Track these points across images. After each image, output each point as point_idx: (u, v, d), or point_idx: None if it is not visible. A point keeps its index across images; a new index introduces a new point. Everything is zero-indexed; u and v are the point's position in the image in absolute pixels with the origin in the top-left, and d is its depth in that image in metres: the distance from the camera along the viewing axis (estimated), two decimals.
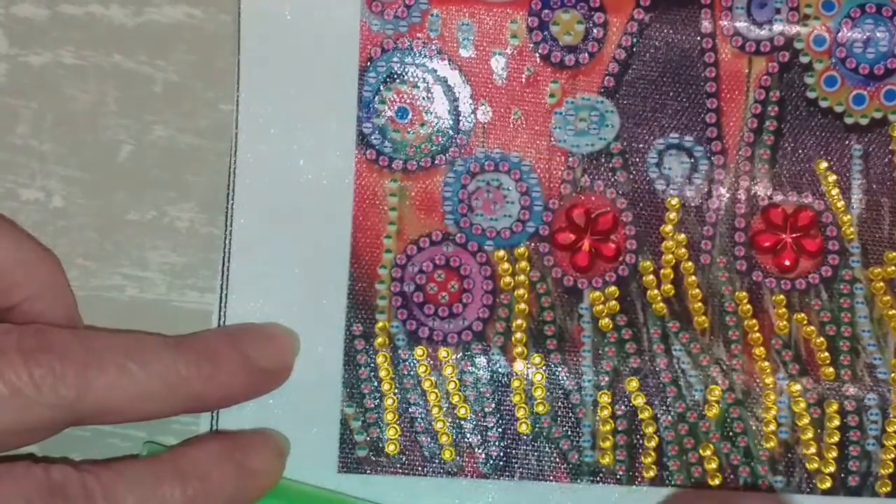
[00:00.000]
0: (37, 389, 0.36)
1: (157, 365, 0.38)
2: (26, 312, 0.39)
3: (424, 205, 0.44)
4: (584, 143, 0.44)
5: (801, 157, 0.44)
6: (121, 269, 0.43)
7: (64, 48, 0.44)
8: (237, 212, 0.43)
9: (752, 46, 0.44)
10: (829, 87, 0.44)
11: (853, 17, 0.44)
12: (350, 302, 0.43)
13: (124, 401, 0.37)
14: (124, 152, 0.44)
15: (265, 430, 0.42)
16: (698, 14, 0.44)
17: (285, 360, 0.42)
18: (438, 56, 0.44)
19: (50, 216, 0.43)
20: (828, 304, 0.44)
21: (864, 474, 0.43)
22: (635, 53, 0.44)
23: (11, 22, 0.44)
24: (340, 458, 0.43)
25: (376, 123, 0.43)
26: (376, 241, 0.43)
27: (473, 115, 0.44)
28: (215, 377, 0.39)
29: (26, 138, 0.44)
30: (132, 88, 0.44)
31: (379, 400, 0.43)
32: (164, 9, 0.44)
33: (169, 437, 0.42)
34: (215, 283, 0.43)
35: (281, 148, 0.43)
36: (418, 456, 0.43)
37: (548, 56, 0.44)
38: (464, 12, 0.44)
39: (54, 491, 0.35)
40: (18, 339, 0.36)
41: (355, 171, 0.43)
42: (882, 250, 0.44)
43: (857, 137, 0.44)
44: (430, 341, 0.43)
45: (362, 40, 0.43)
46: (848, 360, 0.43)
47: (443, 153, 0.44)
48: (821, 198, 0.44)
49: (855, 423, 0.43)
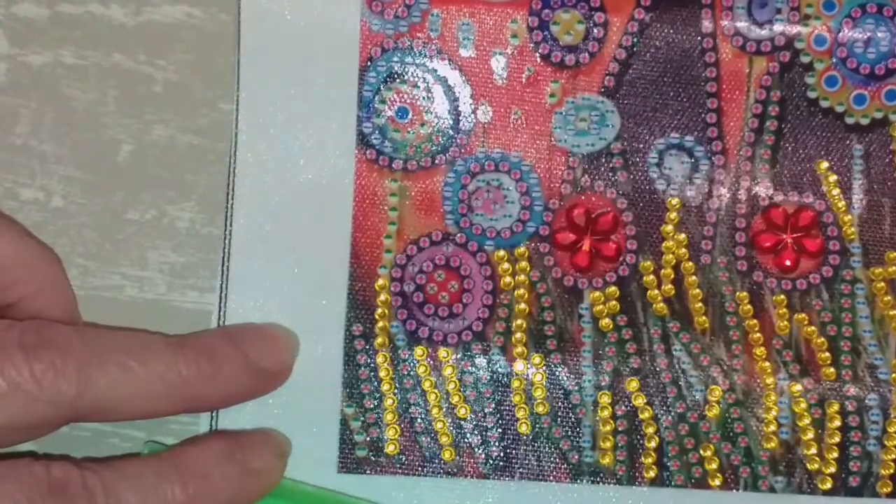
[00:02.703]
0: (37, 385, 0.35)
1: (157, 364, 0.38)
2: (26, 310, 0.39)
3: (424, 205, 0.44)
4: (585, 143, 0.44)
5: (802, 157, 0.44)
6: (120, 269, 0.43)
7: (64, 48, 0.44)
8: (237, 212, 0.43)
9: (752, 46, 0.44)
10: (830, 87, 0.44)
11: (854, 16, 0.44)
12: (350, 302, 0.43)
13: (124, 398, 0.37)
14: (124, 152, 0.44)
15: (266, 429, 0.42)
16: (699, 14, 0.44)
17: (285, 360, 0.42)
18: (438, 56, 0.44)
19: (50, 216, 0.43)
20: (829, 305, 0.44)
21: (864, 475, 0.43)
22: (636, 53, 0.44)
23: (11, 21, 0.44)
24: (340, 458, 0.42)
25: (376, 123, 0.43)
26: (376, 241, 0.43)
27: (473, 115, 0.44)
28: (215, 377, 0.39)
29: (26, 138, 0.43)
30: (132, 88, 0.44)
31: (379, 400, 0.43)
32: (163, 8, 0.44)
33: (168, 437, 0.42)
34: (215, 282, 0.43)
35: (281, 148, 0.43)
36: (418, 456, 0.43)
37: (548, 56, 0.44)
38: (464, 12, 0.43)
39: (55, 489, 0.35)
40: (20, 335, 0.36)
41: (355, 170, 0.43)
42: (883, 250, 0.44)
43: (858, 137, 0.44)
44: (430, 341, 0.43)
45: (362, 40, 0.43)
46: (849, 361, 0.43)
47: (443, 153, 0.44)
48: (822, 198, 0.44)
49: (856, 423, 0.43)
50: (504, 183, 0.44)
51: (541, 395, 0.43)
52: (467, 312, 0.43)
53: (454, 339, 0.43)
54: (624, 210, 0.44)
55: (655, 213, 0.44)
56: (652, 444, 0.43)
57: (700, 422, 0.43)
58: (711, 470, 0.43)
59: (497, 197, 0.44)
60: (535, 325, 0.43)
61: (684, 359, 0.43)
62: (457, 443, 0.43)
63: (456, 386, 0.43)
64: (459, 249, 0.43)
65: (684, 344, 0.43)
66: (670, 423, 0.43)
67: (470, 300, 0.43)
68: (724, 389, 0.43)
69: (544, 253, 0.44)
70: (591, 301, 0.43)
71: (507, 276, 0.43)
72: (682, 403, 0.43)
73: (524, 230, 0.44)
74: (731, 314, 0.43)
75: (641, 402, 0.43)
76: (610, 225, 0.44)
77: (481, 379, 0.43)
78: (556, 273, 0.43)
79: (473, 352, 0.43)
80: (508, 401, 0.43)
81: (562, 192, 0.44)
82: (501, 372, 0.43)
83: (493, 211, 0.44)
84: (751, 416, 0.43)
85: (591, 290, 0.44)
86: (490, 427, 0.43)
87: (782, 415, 0.43)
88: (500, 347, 0.43)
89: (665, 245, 0.44)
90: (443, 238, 0.43)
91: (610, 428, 0.43)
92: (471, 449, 0.43)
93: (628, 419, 0.43)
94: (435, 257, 0.43)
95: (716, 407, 0.43)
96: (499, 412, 0.43)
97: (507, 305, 0.43)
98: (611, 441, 0.43)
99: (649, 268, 0.43)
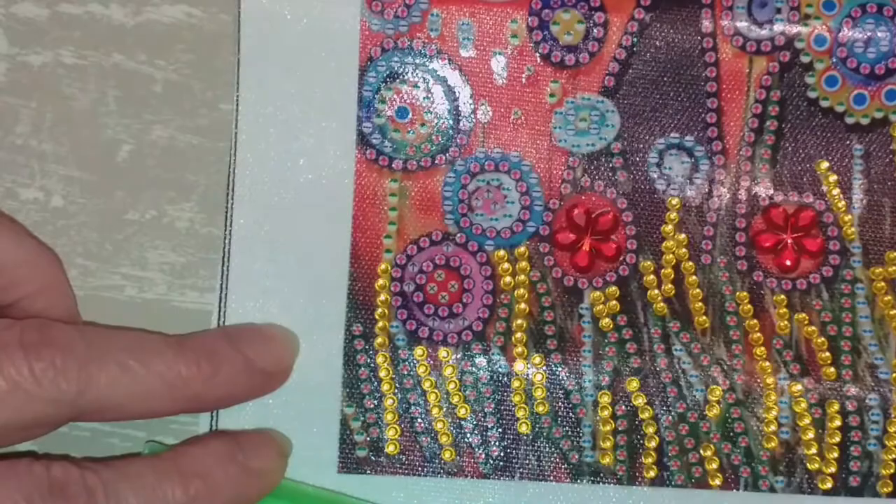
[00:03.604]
0: (37, 384, 0.35)
1: (158, 364, 0.38)
2: (26, 310, 0.39)
3: (424, 204, 0.43)
4: (585, 143, 0.44)
5: (802, 157, 0.44)
6: (120, 269, 0.43)
7: (64, 48, 0.44)
8: (237, 211, 0.43)
9: (752, 46, 0.44)
10: (830, 87, 0.44)
11: (854, 16, 0.44)
12: (350, 302, 0.43)
13: (124, 398, 0.37)
14: (124, 152, 0.44)
15: (267, 429, 0.42)
16: (699, 14, 0.44)
17: (284, 361, 0.42)
18: (438, 56, 0.44)
19: (49, 216, 0.43)
20: (829, 304, 0.44)
21: (865, 475, 0.43)
22: (636, 53, 0.44)
23: (11, 21, 0.44)
24: (340, 459, 0.42)
25: (376, 123, 0.43)
26: (376, 241, 0.43)
27: (473, 115, 0.44)
28: (215, 378, 0.39)
29: (26, 138, 0.43)
30: (132, 88, 0.44)
31: (379, 400, 0.43)
32: (163, 8, 0.44)
33: (168, 437, 0.42)
34: (215, 282, 0.43)
35: (281, 147, 0.43)
36: (418, 456, 0.43)
37: (548, 56, 0.44)
38: (464, 12, 0.43)
39: (56, 489, 0.35)
40: (20, 334, 0.36)
41: (355, 170, 0.43)
42: (883, 250, 0.44)
43: (858, 137, 0.44)
44: (429, 341, 0.43)
45: (362, 40, 0.43)
46: (849, 361, 0.43)
47: (443, 153, 0.44)
48: (822, 198, 0.44)
49: (856, 423, 0.43)
50: (504, 183, 0.44)
51: (541, 395, 0.43)
52: (467, 312, 0.43)
53: (454, 339, 0.43)
54: (624, 210, 0.44)
55: (655, 213, 0.44)
56: (652, 444, 0.43)
57: (700, 422, 0.43)
58: (712, 470, 0.43)
59: (497, 197, 0.44)
60: (536, 325, 0.43)
61: (684, 359, 0.43)
62: (457, 443, 0.43)
63: (456, 386, 0.43)
64: (459, 249, 0.43)
65: (684, 344, 0.43)
66: (670, 422, 0.43)
67: (470, 300, 0.43)
68: (725, 389, 0.43)
69: (544, 253, 0.44)
70: (591, 301, 0.43)
71: (507, 275, 0.43)
72: (682, 403, 0.43)
73: (524, 230, 0.44)
74: (732, 314, 0.43)
75: (642, 402, 0.43)
76: (610, 225, 0.44)
77: (481, 379, 0.43)
78: (557, 273, 0.43)
79: (473, 352, 0.43)
80: (508, 401, 0.43)
81: (562, 192, 0.44)
82: (501, 372, 0.43)
83: (493, 211, 0.44)
84: (751, 415, 0.43)
85: (591, 290, 0.44)
86: (490, 427, 0.43)
87: (783, 415, 0.43)
88: (500, 347, 0.43)
89: (665, 245, 0.44)
90: (443, 238, 0.43)
91: (610, 428, 0.43)
92: (471, 449, 0.43)
93: (628, 419, 0.43)
94: (435, 257, 0.43)
95: (716, 407, 0.43)
96: (499, 412, 0.43)
97: (507, 305, 0.43)
98: (611, 441, 0.43)
99: (649, 268, 0.43)
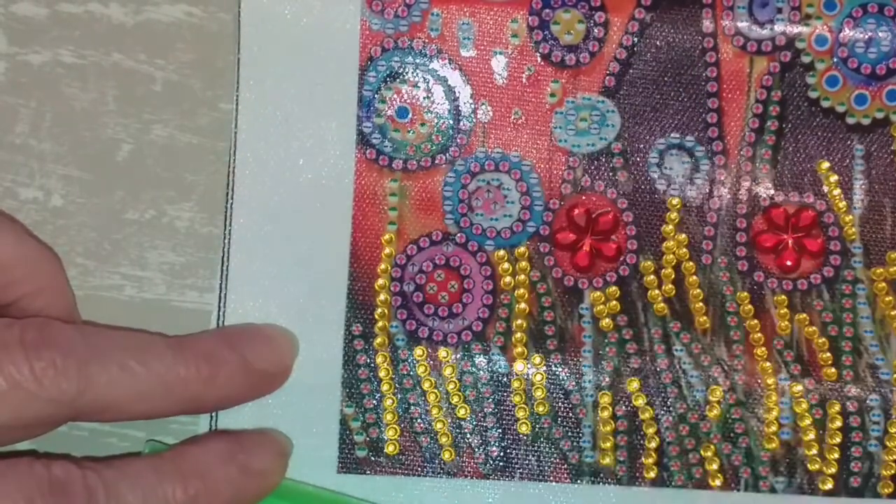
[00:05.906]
0: (37, 383, 0.35)
1: (157, 364, 0.38)
2: (25, 309, 0.39)
3: (424, 204, 0.43)
4: (585, 143, 0.44)
5: (803, 157, 0.44)
6: (120, 269, 0.43)
7: (63, 47, 0.44)
8: (236, 211, 0.43)
9: (753, 46, 0.44)
10: (831, 87, 0.44)
11: (855, 16, 0.44)
12: (349, 302, 0.43)
13: (124, 398, 0.37)
14: (123, 151, 0.44)
15: (267, 430, 0.42)
16: (700, 13, 0.44)
17: (284, 362, 0.42)
18: (439, 55, 0.43)
19: (49, 215, 0.43)
20: (830, 305, 0.44)
21: (865, 475, 0.43)
22: (636, 53, 0.44)
23: (11, 20, 0.44)
24: (340, 459, 0.42)
25: (376, 123, 0.43)
26: (376, 240, 0.43)
27: (474, 115, 0.44)
28: (214, 379, 0.39)
29: (25, 137, 0.43)
30: (131, 87, 0.44)
31: (378, 400, 0.43)
32: (163, 7, 0.44)
33: (168, 437, 0.42)
34: (215, 282, 0.43)
35: (281, 147, 0.43)
36: (418, 456, 0.43)
37: (548, 55, 0.44)
38: (464, 11, 0.43)
39: (56, 488, 0.35)
40: (20, 333, 0.36)
41: (355, 170, 0.43)
42: (884, 250, 0.44)
43: (859, 137, 0.44)
44: (429, 341, 0.43)
45: (362, 39, 0.43)
46: (850, 361, 0.43)
47: (443, 153, 0.43)
48: (822, 198, 0.44)
49: (857, 423, 0.43)
50: (504, 183, 0.44)
51: (541, 396, 0.43)
52: (467, 312, 0.43)
53: (454, 339, 0.43)
54: (624, 210, 0.44)
55: (656, 213, 0.44)
56: (652, 445, 0.43)
57: (701, 422, 0.43)
58: (712, 470, 0.43)
59: (497, 197, 0.44)
60: (536, 325, 0.43)
61: (685, 359, 0.43)
62: (457, 443, 0.43)
63: (456, 386, 0.43)
64: (459, 249, 0.43)
65: (685, 344, 0.43)
66: (671, 423, 0.43)
67: (470, 300, 0.43)
68: (725, 390, 0.43)
69: (544, 253, 0.43)
70: (591, 301, 0.43)
71: (507, 275, 0.43)
72: (682, 404, 0.43)
73: (524, 230, 0.44)
74: (732, 314, 0.43)
75: (642, 403, 0.43)
76: (610, 225, 0.44)
77: (481, 379, 0.43)
78: (557, 273, 0.43)
79: (473, 352, 0.43)
80: (508, 401, 0.43)
81: (562, 192, 0.44)
82: (501, 372, 0.43)
83: (493, 211, 0.44)
84: (752, 416, 0.43)
85: (591, 290, 0.43)
86: (490, 427, 0.43)
87: (783, 415, 0.43)
88: (500, 347, 0.43)
89: (665, 245, 0.44)
90: (443, 238, 0.43)
91: (610, 428, 0.43)
92: (471, 449, 0.43)
93: (629, 419, 0.43)
94: (435, 257, 0.43)
95: (717, 407, 0.43)
96: (499, 412, 0.43)
97: (507, 305, 0.43)
98: (611, 441, 0.43)
99: (650, 268, 0.43)
